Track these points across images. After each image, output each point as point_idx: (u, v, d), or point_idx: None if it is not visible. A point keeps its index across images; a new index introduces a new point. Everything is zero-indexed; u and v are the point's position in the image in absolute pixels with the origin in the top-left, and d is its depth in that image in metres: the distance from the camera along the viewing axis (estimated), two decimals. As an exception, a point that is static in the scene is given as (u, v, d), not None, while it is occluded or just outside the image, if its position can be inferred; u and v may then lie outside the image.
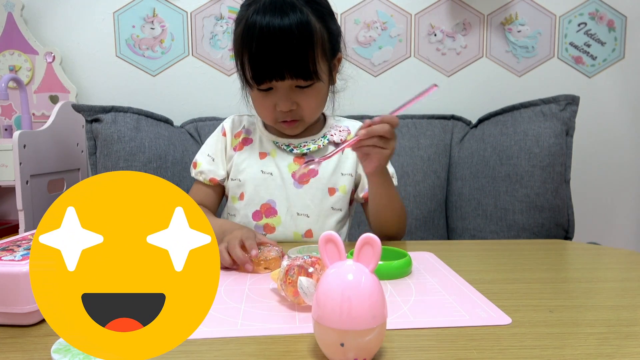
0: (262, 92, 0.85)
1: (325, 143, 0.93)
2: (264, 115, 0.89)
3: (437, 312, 0.51)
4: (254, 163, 0.92)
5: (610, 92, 1.60)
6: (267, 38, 0.77)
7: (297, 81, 0.82)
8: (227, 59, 1.55)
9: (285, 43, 0.78)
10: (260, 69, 0.80)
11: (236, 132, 0.97)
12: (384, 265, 0.63)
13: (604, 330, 0.47)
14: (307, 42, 0.80)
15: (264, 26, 0.77)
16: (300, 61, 0.80)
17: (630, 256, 0.78)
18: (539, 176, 1.27)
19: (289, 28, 0.77)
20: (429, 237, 1.35)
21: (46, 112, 1.51)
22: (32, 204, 1.30)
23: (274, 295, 0.56)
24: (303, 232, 0.90)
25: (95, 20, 1.52)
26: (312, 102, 0.86)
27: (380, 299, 0.39)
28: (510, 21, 1.57)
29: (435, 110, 1.54)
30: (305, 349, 0.42)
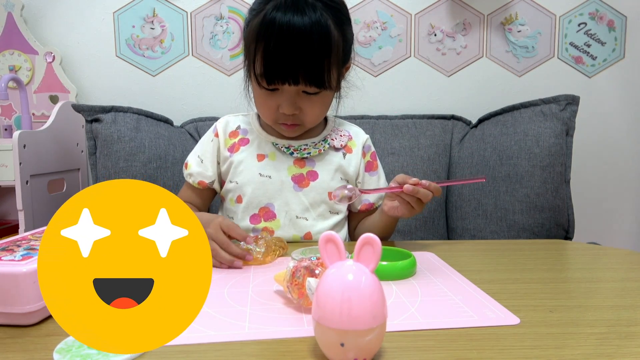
0: (266, 92, 0.83)
1: (326, 147, 0.92)
2: (265, 114, 0.88)
3: (445, 313, 0.51)
4: (252, 165, 0.90)
5: (610, 92, 1.61)
6: (286, 38, 0.76)
7: (307, 87, 0.81)
8: (227, 59, 1.55)
9: (304, 47, 0.76)
10: (274, 69, 0.78)
11: (230, 132, 0.95)
12: (388, 266, 0.62)
13: (604, 330, 0.47)
14: (325, 49, 0.79)
15: (284, 24, 0.75)
16: (316, 69, 0.78)
17: (630, 256, 0.78)
18: (539, 176, 1.27)
19: (309, 32, 0.76)
20: (429, 237, 1.35)
21: (46, 112, 1.51)
22: (32, 204, 1.30)
23: (279, 298, 0.56)
24: (302, 235, 0.89)
25: (95, 20, 1.52)
26: (317, 109, 0.86)
27: (381, 299, 0.39)
28: (510, 21, 1.57)
29: (435, 110, 1.54)
30: (305, 349, 0.42)
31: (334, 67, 0.82)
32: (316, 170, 0.91)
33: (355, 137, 0.97)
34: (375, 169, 0.98)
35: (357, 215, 0.98)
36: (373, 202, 0.95)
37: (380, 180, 0.98)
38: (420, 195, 0.78)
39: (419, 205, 0.80)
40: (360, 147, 0.96)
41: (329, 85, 0.81)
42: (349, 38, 0.86)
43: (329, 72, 0.80)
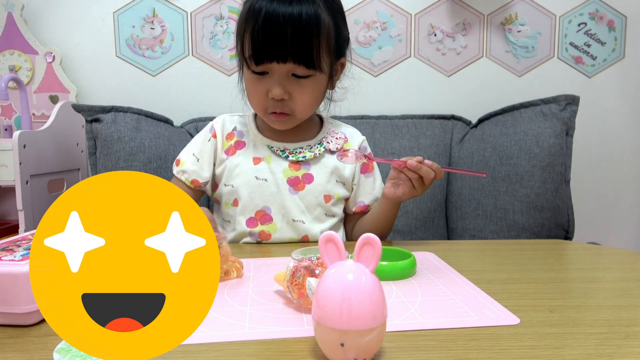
0: (256, 76, 0.83)
1: (321, 151, 0.91)
2: (255, 102, 0.87)
3: (445, 313, 0.51)
4: (248, 169, 0.89)
5: (610, 92, 1.61)
6: (274, 16, 0.76)
7: (297, 67, 0.80)
8: (227, 59, 1.55)
9: (292, 25, 0.76)
10: (262, 48, 0.78)
11: (227, 134, 0.94)
12: (388, 266, 0.62)
13: (604, 330, 0.47)
14: (314, 29, 0.78)
15: (273, 3, 0.76)
16: (305, 46, 0.78)
17: (630, 256, 0.78)
18: (539, 176, 1.27)
19: (299, 10, 0.76)
20: (429, 237, 1.35)
21: (46, 112, 1.51)
22: (32, 204, 1.30)
23: (279, 298, 0.56)
24: (299, 237, 0.89)
25: (95, 20, 1.52)
26: (307, 95, 0.84)
27: (381, 299, 0.39)
28: (510, 21, 1.57)
29: (435, 110, 1.54)
30: (305, 349, 0.42)
31: (324, 50, 0.81)
32: (311, 172, 0.90)
33: (351, 139, 0.97)
34: (370, 170, 0.97)
35: (353, 217, 0.98)
36: (368, 204, 0.95)
37: (376, 182, 0.97)
38: (422, 172, 0.79)
39: (420, 185, 0.81)
40: (355, 148, 0.96)
41: (318, 67, 0.80)
42: (342, 30, 0.86)
43: (319, 53, 0.80)
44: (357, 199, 0.95)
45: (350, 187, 0.95)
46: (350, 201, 0.96)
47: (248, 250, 0.84)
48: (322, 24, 0.79)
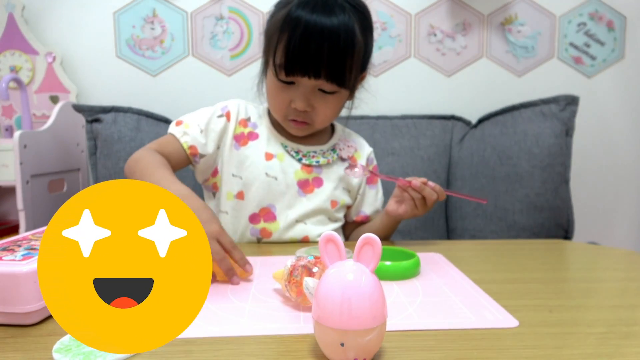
0: (282, 84, 0.82)
1: (334, 158, 0.92)
2: (276, 109, 0.87)
3: (443, 314, 0.51)
4: (259, 164, 0.88)
5: (610, 92, 1.61)
6: (312, 31, 0.75)
7: (326, 84, 0.80)
8: (227, 59, 1.55)
9: (329, 43, 0.76)
10: (296, 61, 0.77)
11: (242, 119, 0.92)
12: (392, 266, 0.62)
13: (604, 330, 0.47)
14: (350, 48, 0.78)
15: (312, 18, 0.75)
16: (339, 65, 0.78)
17: (630, 256, 0.78)
18: (539, 176, 1.27)
19: (337, 28, 0.76)
20: (429, 237, 1.35)
21: (46, 112, 1.51)
22: (32, 204, 1.30)
23: (278, 296, 0.56)
24: (300, 238, 0.89)
25: (95, 20, 1.52)
26: (329, 110, 0.85)
27: (381, 299, 0.39)
28: (510, 21, 1.57)
29: (435, 110, 1.54)
30: (305, 349, 0.42)
31: (354, 70, 0.81)
32: (322, 177, 0.91)
33: (360, 149, 0.98)
34: (375, 182, 0.99)
35: (351, 225, 0.99)
36: (369, 215, 0.97)
37: (379, 194, 0.99)
38: (425, 193, 0.80)
39: (422, 205, 0.82)
40: (364, 159, 0.97)
41: (347, 85, 0.81)
42: (370, 46, 0.86)
43: (350, 72, 0.80)
44: (360, 209, 0.97)
45: (354, 195, 0.96)
46: (352, 209, 0.97)
47: (249, 250, 0.84)
48: (356, 43, 0.79)
